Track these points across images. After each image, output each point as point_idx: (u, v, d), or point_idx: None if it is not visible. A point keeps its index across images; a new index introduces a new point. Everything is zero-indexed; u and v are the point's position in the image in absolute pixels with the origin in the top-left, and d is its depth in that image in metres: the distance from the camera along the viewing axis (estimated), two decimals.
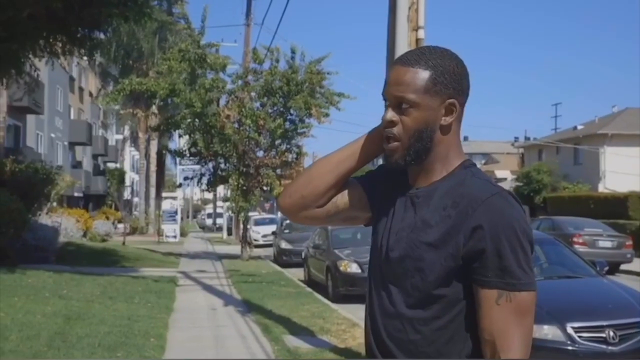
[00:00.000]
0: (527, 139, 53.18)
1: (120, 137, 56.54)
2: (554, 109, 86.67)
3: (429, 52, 1.56)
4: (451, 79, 1.53)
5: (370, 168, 1.88)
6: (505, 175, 55.19)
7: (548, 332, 5.86)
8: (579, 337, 5.82)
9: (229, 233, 35.22)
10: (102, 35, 12.12)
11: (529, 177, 37.76)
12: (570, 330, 5.83)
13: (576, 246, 15.83)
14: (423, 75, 1.52)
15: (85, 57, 14.30)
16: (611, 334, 5.81)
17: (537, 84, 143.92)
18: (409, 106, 1.52)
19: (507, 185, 46.07)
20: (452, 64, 1.55)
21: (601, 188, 34.96)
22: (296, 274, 15.28)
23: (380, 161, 1.74)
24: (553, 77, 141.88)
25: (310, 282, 14.09)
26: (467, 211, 1.47)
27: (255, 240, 27.62)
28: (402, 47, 5.95)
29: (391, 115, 1.54)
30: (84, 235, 23.84)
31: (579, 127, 42.95)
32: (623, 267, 17.17)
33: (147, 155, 37.69)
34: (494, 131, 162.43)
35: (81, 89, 42.55)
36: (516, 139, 62.10)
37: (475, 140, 74.52)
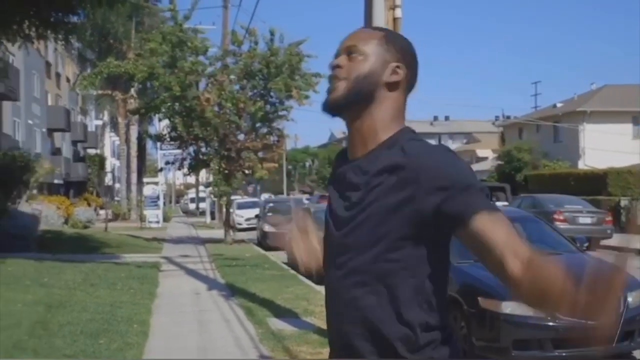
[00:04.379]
0: (507, 117, 53.45)
1: (99, 122, 56.02)
2: (534, 87, 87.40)
3: (388, 29, 1.65)
4: (401, 49, 1.63)
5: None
6: (487, 154, 55.54)
7: (529, 308, 5.91)
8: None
9: (212, 217, 35.12)
10: (76, 19, 11.90)
11: (510, 155, 37.99)
12: None
13: (557, 223, 15.97)
14: (377, 33, 1.65)
15: (61, 41, 14.06)
16: None
17: (517, 61, 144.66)
18: (358, 54, 1.60)
19: (489, 165, 46.36)
20: (406, 41, 1.67)
21: (581, 165, 35.30)
22: (280, 257, 15.28)
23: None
24: (533, 54, 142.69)
25: (294, 264, 14.11)
26: (414, 172, 1.47)
27: (239, 224, 27.58)
28: (380, 26, 5.91)
29: (338, 59, 1.62)
30: (65, 222, 23.65)
31: (559, 105, 43.24)
32: (603, 242, 17.40)
33: (127, 141, 37.35)
34: (474, 110, 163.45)
35: (58, 75, 41.97)
36: (497, 117, 62.44)
37: (456, 120, 74.79)
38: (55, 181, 33.59)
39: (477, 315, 6.13)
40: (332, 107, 1.62)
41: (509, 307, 5.92)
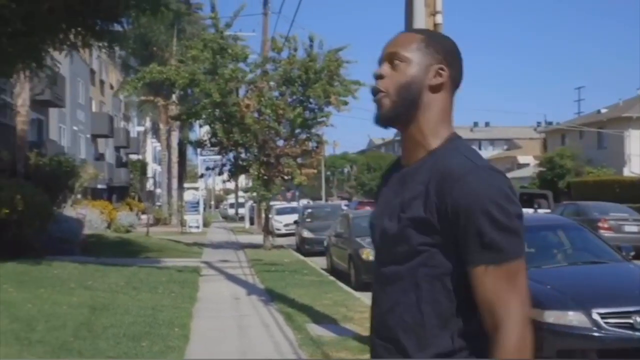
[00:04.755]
0: (549, 123, 52.58)
1: (141, 128, 56.94)
2: (577, 92, 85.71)
3: (429, 29, 1.67)
4: (443, 49, 1.63)
5: None
6: (528, 160, 54.65)
7: (573, 318, 5.79)
8: (605, 323, 5.73)
9: (251, 222, 35.34)
10: (120, 28, 12.15)
11: (552, 162, 37.35)
12: (595, 316, 5.75)
13: (601, 231, 15.62)
14: (418, 36, 1.65)
15: (105, 49, 14.38)
16: (638, 319, 5.71)
17: (559, 67, 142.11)
18: (400, 61, 1.60)
19: (530, 171, 45.60)
20: (448, 40, 1.68)
21: (626, 172, 34.50)
22: (319, 263, 15.30)
23: None
24: (576, 60, 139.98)
25: (332, 270, 14.10)
26: (442, 189, 1.49)
27: (278, 229, 27.69)
28: None
29: (381, 69, 1.63)
30: (108, 226, 24.10)
31: (603, 111, 42.35)
32: None
33: (168, 147, 37.89)
34: (516, 117, 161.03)
35: (102, 82, 42.87)
36: (538, 124, 61.45)
37: (496, 126, 73.83)
38: (99, 186, 34.27)
39: None
40: (382, 122, 1.65)
41: (552, 317, 5.82)
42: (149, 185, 54.96)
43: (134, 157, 51.76)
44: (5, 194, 11.33)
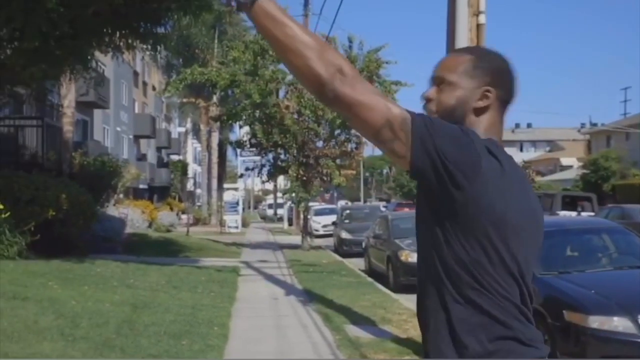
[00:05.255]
0: (594, 124, 51.53)
1: (182, 129, 57.72)
2: (623, 93, 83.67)
3: (479, 47, 1.71)
4: (491, 69, 1.62)
5: None
6: (571, 162, 53.62)
7: (618, 324, 5.66)
8: None
9: (290, 223, 35.49)
10: (163, 30, 12.34)
11: (597, 164, 36.58)
12: None
13: None
14: (465, 58, 1.64)
15: (149, 51, 14.63)
16: None
17: (605, 68, 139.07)
18: (447, 84, 1.62)
19: (573, 173, 44.71)
20: (498, 58, 1.66)
21: None
22: (357, 264, 15.26)
23: None
24: (622, 59, 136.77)
25: (370, 272, 14.06)
26: None
27: (316, 230, 27.72)
28: (463, 32, 5.83)
29: (428, 92, 1.66)
30: (150, 226, 24.47)
31: None
32: None
33: (208, 147, 38.33)
34: (559, 118, 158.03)
35: (145, 84, 43.58)
36: (582, 125, 60.19)
37: (539, 127, 72.67)
38: (141, 186, 34.83)
39: (561, 329, 5.92)
40: None
41: (597, 322, 5.69)
42: (190, 185, 55.63)
43: (175, 157, 52.47)
44: (51, 194, 11.59)
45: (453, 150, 1.43)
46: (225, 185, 37.13)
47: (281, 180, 27.50)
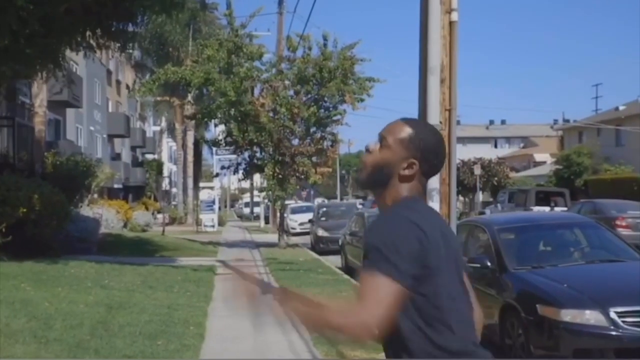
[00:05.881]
0: (566, 121, 52.22)
1: (157, 128, 57.25)
2: (595, 89, 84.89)
3: (424, 124, 2.07)
4: (422, 146, 1.89)
5: None
6: (544, 158, 54.28)
7: (590, 317, 5.74)
8: (623, 322, 5.68)
9: (267, 222, 35.42)
10: (135, 28, 12.22)
11: (569, 160, 37.07)
12: (613, 315, 5.69)
13: (619, 229, 15.46)
14: (406, 130, 1.91)
15: (121, 50, 14.49)
16: None
17: (576, 65, 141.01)
18: (385, 145, 1.90)
19: (547, 169, 45.29)
20: (432, 139, 1.93)
21: None
22: (333, 262, 15.30)
23: None
24: (593, 58, 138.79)
25: (347, 269, 14.10)
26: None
27: (293, 228, 27.73)
28: (435, 29, 5.87)
29: (372, 145, 1.95)
30: (125, 226, 24.27)
31: (621, 108, 41.95)
32: None
33: (184, 146, 38.08)
34: (532, 114, 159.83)
35: (118, 82, 43.17)
36: (555, 121, 61.01)
37: (513, 124, 73.37)
38: (115, 186, 34.50)
39: (535, 323, 5.99)
40: (359, 185, 2.07)
41: (569, 315, 5.78)
42: (165, 184, 55.24)
43: (150, 156, 52.04)
44: (23, 194, 11.44)
45: None
46: (201, 184, 36.92)
47: (257, 178, 27.43)
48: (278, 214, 21.04)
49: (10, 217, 10.84)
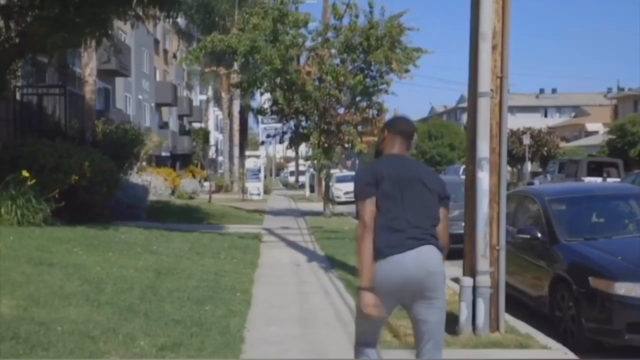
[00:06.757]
0: (621, 89, 50.53)
1: (204, 97, 57.73)
2: None
3: (400, 120, 3.86)
4: (390, 128, 3.81)
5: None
6: (597, 128, 52.73)
7: None
8: None
9: (312, 190, 35.56)
10: None
11: (623, 129, 35.96)
12: None
13: None
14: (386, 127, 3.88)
15: (168, 19, 14.53)
16: None
17: (633, 31, 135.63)
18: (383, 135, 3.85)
19: (599, 139, 44.00)
20: (399, 123, 3.83)
21: None
22: None
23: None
24: None
25: None
26: None
27: (338, 197, 27.74)
28: (488, 1, 5.69)
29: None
30: (172, 193, 24.67)
31: None
32: None
33: (230, 115, 38.33)
34: (585, 82, 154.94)
35: (166, 51, 43.52)
36: (609, 89, 59.10)
37: (564, 93, 71.45)
38: (163, 154, 35.02)
39: (587, 296, 5.85)
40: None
41: (623, 288, 5.62)
42: (211, 153, 55.85)
43: (196, 125, 52.60)
44: (74, 161, 11.67)
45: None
46: (247, 153, 37.20)
47: (303, 147, 27.45)
48: (323, 183, 21.05)
49: (63, 183, 11.08)
